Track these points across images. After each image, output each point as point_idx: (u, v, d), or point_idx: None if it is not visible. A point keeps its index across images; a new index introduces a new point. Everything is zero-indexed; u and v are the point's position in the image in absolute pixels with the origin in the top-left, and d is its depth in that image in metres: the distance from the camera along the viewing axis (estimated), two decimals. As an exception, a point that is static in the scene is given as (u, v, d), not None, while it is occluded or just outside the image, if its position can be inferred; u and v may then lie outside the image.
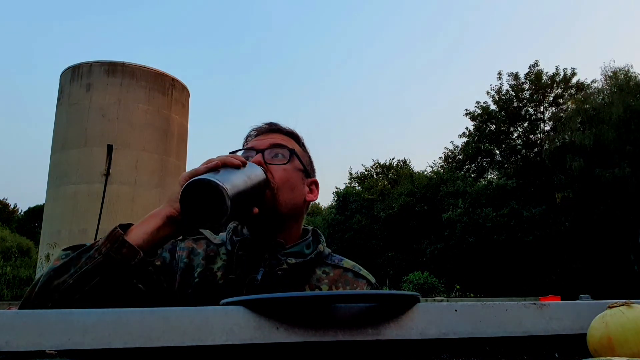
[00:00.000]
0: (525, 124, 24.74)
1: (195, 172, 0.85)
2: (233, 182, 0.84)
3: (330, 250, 1.14)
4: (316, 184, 1.14)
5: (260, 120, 1.15)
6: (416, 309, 0.61)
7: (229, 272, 1.02)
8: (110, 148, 13.95)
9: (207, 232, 1.11)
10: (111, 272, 0.80)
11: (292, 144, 1.10)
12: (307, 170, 1.11)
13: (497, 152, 25.30)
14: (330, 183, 32.52)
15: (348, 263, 1.12)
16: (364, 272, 1.12)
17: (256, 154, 1.04)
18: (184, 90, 16.49)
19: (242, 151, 1.08)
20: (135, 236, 0.83)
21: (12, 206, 42.90)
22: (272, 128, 1.12)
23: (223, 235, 1.11)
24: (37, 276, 0.89)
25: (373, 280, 1.11)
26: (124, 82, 14.67)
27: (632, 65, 21.31)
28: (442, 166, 26.81)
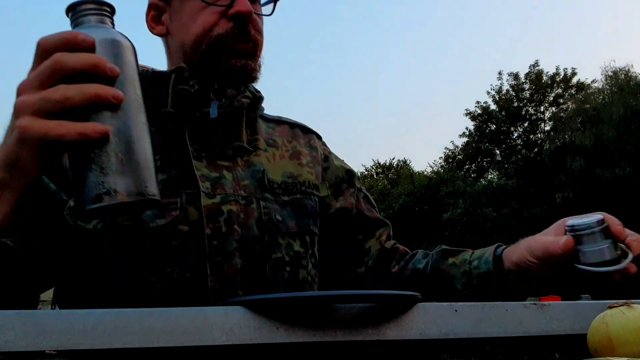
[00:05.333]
0: (526, 124, 24.76)
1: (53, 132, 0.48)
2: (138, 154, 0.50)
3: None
4: None
5: None
6: (416, 309, 0.61)
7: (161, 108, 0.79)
8: (110, 148, 13.96)
9: None
10: None
11: None
12: None
13: (497, 152, 25.32)
14: (330, 183, 32.45)
15: (288, 118, 1.00)
16: (310, 127, 1.02)
17: None
18: (184, 90, 16.52)
19: None
20: None
21: (12, 206, 43.00)
22: None
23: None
24: None
25: (320, 134, 1.03)
26: (124, 82, 14.68)
27: (632, 65, 21.33)
28: (442, 166, 26.84)
